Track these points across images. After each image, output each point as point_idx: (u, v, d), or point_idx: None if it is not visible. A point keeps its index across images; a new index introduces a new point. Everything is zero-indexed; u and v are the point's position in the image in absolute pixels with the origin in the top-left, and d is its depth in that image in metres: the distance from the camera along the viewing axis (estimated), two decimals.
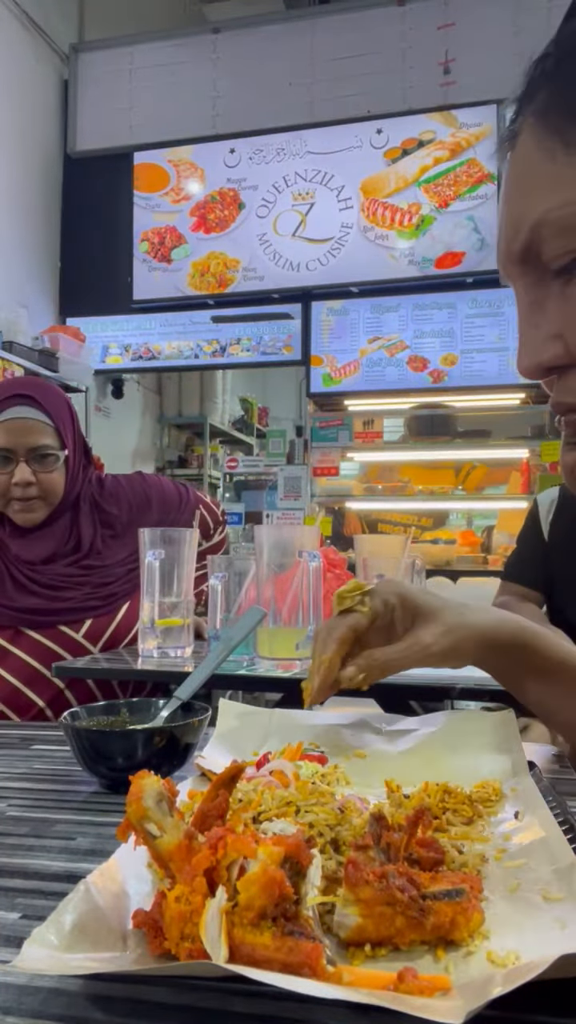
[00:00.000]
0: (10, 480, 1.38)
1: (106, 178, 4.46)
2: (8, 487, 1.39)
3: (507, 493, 4.27)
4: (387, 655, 0.72)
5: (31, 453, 1.39)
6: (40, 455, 1.39)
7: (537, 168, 0.48)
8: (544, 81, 0.48)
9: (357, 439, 4.27)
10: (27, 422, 1.39)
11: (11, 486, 1.39)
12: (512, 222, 0.50)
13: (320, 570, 1.28)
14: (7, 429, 1.38)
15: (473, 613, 0.74)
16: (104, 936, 0.39)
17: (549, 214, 0.47)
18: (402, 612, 0.74)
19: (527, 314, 0.52)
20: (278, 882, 0.37)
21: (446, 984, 0.36)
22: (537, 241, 0.49)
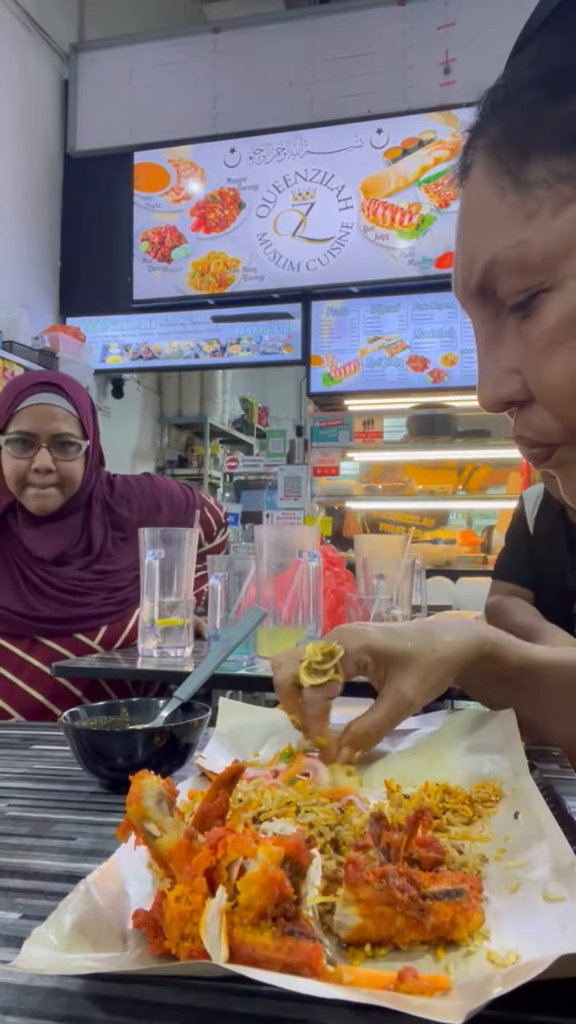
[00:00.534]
0: (30, 465, 1.37)
1: (106, 178, 4.46)
2: (27, 472, 1.37)
3: (507, 493, 4.27)
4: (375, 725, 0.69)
5: (54, 440, 1.37)
6: (62, 442, 1.38)
7: (488, 205, 0.48)
8: (494, 115, 0.49)
9: (357, 439, 4.27)
10: (52, 409, 1.38)
11: (30, 472, 1.37)
12: (466, 257, 0.50)
13: (320, 570, 1.28)
14: (32, 414, 1.37)
15: (441, 645, 0.72)
16: (104, 936, 0.39)
17: (501, 253, 0.47)
18: (375, 666, 0.72)
19: (485, 347, 0.52)
20: (278, 882, 0.37)
21: (446, 984, 0.36)
22: (491, 278, 0.49)
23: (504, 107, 0.48)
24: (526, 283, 0.47)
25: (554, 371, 0.48)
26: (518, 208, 0.47)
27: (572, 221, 0.45)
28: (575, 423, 0.50)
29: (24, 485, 1.39)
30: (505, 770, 0.64)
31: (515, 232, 0.47)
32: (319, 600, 1.28)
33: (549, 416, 0.50)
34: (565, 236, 0.45)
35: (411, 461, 4.62)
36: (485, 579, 2.45)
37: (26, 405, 1.38)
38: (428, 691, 0.71)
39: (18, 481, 1.39)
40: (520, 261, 0.47)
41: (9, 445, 1.38)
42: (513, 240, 0.47)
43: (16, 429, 1.37)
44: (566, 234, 0.45)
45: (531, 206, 0.46)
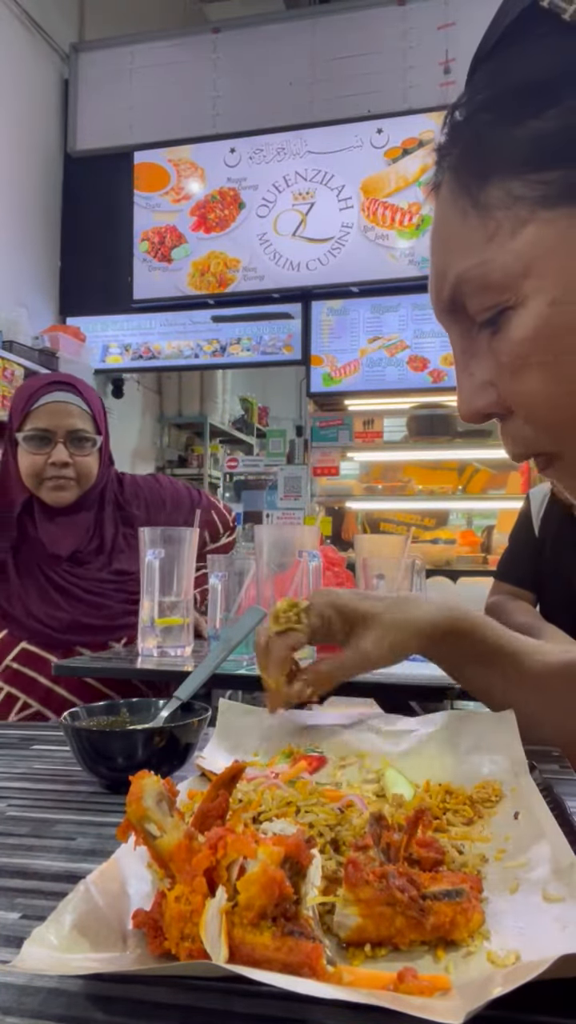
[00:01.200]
0: (46, 461, 1.41)
1: (106, 177, 4.46)
2: (43, 467, 1.41)
3: (507, 493, 4.27)
4: (330, 668, 0.75)
5: (69, 435, 1.42)
6: (77, 438, 1.43)
7: (452, 224, 0.50)
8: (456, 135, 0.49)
9: (357, 439, 4.27)
10: (67, 406, 1.43)
11: (47, 467, 1.41)
12: (437, 275, 0.51)
13: (320, 570, 1.28)
14: (48, 412, 1.42)
15: (412, 609, 0.76)
16: (104, 936, 0.39)
17: (465, 273, 0.49)
18: (340, 623, 0.76)
19: (462, 361, 0.53)
20: (278, 882, 0.37)
21: (446, 984, 0.36)
22: (460, 296, 0.50)
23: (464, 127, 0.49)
24: (491, 301, 0.48)
25: (523, 387, 0.49)
26: (479, 230, 0.48)
27: (529, 242, 0.46)
28: (556, 434, 0.51)
29: (41, 480, 1.43)
30: (505, 770, 0.64)
31: (477, 253, 0.48)
32: None
33: (528, 428, 0.51)
34: (523, 256, 0.46)
35: (411, 461, 4.62)
36: (485, 579, 2.45)
37: (42, 403, 1.42)
38: (388, 648, 0.75)
39: (35, 476, 1.42)
40: (483, 281, 0.48)
41: (26, 442, 1.42)
42: (475, 260, 0.48)
43: (33, 426, 1.41)
44: (524, 254, 0.46)
45: (491, 227, 0.47)
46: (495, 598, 1.90)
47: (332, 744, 0.73)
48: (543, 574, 1.84)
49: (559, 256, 0.46)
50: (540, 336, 0.47)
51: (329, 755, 0.71)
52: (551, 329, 0.47)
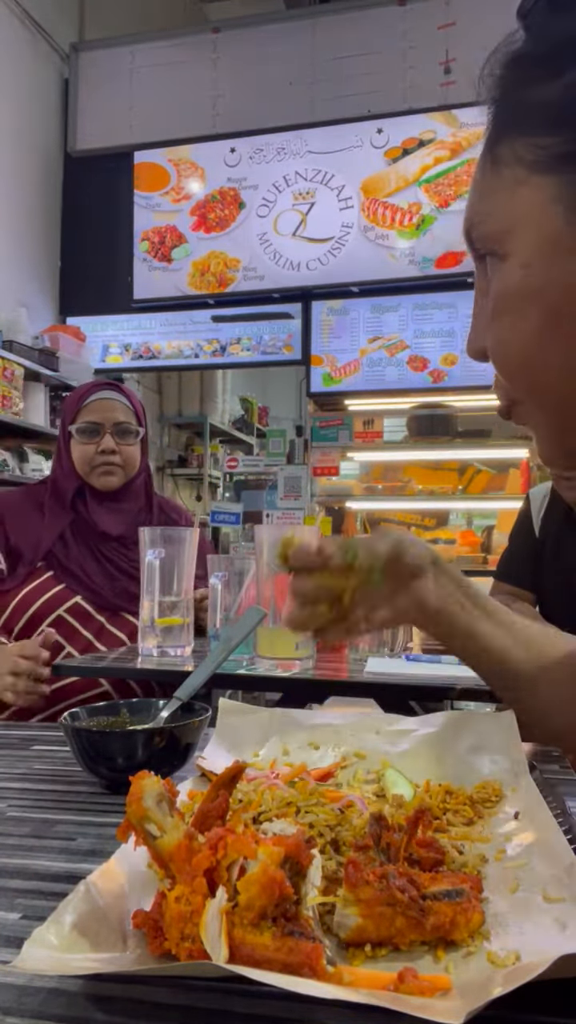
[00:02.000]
0: (96, 449, 1.60)
1: (106, 177, 4.46)
2: (94, 456, 1.60)
3: (506, 493, 4.27)
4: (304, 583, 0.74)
5: (116, 427, 1.62)
6: (123, 430, 1.63)
7: (478, 169, 0.53)
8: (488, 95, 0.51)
9: (357, 439, 4.27)
10: (113, 402, 1.64)
11: (96, 455, 1.60)
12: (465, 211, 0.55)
13: None
14: (97, 407, 1.63)
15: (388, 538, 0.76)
16: (104, 936, 0.39)
17: (475, 216, 0.53)
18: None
19: (477, 299, 0.56)
20: (278, 882, 0.37)
21: (446, 984, 0.36)
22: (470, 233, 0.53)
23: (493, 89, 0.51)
24: (485, 247, 0.52)
25: (494, 333, 0.53)
26: (491, 181, 0.51)
27: (519, 204, 0.49)
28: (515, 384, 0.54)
29: (92, 467, 1.61)
30: (505, 770, 0.64)
31: (485, 201, 0.51)
32: None
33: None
34: (511, 217, 0.49)
35: (411, 461, 4.62)
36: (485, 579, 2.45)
37: (91, 400, 1.64)
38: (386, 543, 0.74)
39: (87, 463, 1.61)
40: (482, 229, 0.52)
41: (79, 434, 1.62)
42: (481, 207, 0.52)
43: (84, 420, 1.62)
44: (512, 215, 0.49)
45: (496, 183, 0.50)
46: (495, 598, 1.90)
47: (332, 744, 0.73)
48: (543, 574, 1.84)
49: (537, 223, 0.48)
50: (509, 292, 0.51)
51: (329, 753, 0.71)
52: (518, 289, 0.50)
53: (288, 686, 1.29)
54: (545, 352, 0.50)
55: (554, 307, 0.48)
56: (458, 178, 3.95)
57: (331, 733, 0.74)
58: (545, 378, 0.51)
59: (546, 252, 0.48)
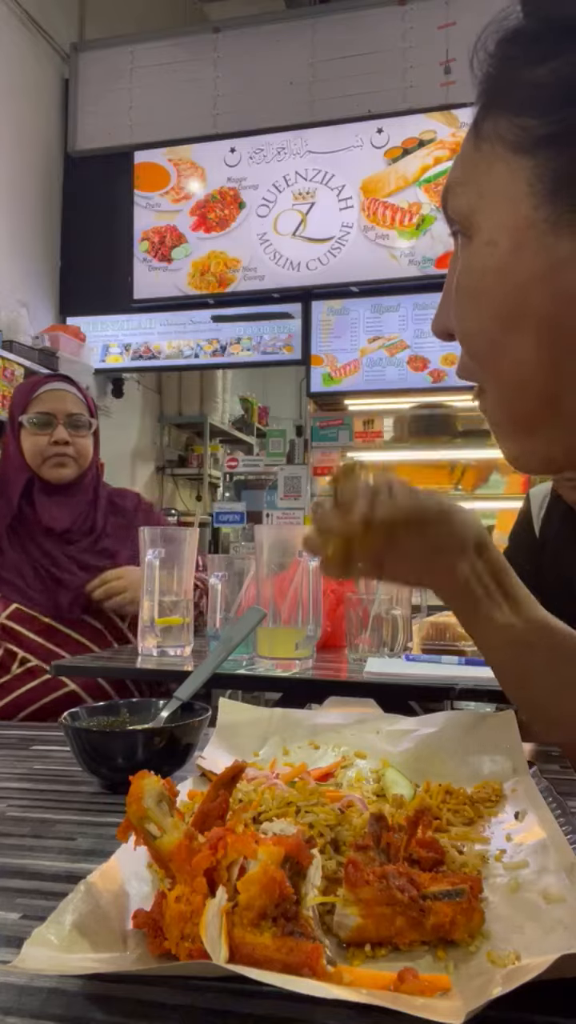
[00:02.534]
0: (49, 440, 1.58)
1: (106, 177, 4.45)
2: (46, 447, 1.58)
3: (506, 493, 4.27)
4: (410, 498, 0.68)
5: (68, 418, 1.61)
6: (75, 421, 1.62)
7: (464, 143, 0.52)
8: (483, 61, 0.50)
9: (357, 439, 4.27)
10: (65, 393, 1.64)
11: (48, 446, 1.58)
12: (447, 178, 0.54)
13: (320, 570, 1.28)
14: (49, 398, 1.61)
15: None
16: (104, 936, 0.39)
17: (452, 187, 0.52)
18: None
19: (448, 279, 0.55)
20: (278, 882, 0.37)
21: (446, 984, 0.36)
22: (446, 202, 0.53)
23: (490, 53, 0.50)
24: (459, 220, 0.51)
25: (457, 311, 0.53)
26: (470, 154, 0.51)
27: (496, 179, 0.48)
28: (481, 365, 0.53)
29: (44, 459, 1.59)
30: (505, 770, 0.64)
31: (463, 171, 0.51)
32: (319, 600, 1.28)
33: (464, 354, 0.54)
34: (483, 193, 0.49)
35: (410, 461, 4.62)
36: None
37: (43, 391, 1.62)
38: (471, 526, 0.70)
39: (39, 455, 1.59)
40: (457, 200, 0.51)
41: (31, 425, 1.59)
42: (459, 176, 0.51)
43: (36, 410, 1.60)
44: (485, 191, 0.49)
45: (476, 156, 0.50)
46: None
47: (332, 744, 0.73)
48: (543, 574, 1.84)
49: (507, 203, 0.47)
50: (473, 269, 0.50)
51: (329, 753, 0.71)
52: (481, 266, 0.49)
53: (288, 686, 1.29)
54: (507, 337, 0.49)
55: (516, 292, 0.48)
56: None
57: (331, 733, 0.74)
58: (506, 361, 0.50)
59: (512, 234, 0.47)
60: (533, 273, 0.47)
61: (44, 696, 1.44)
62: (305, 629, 1.24)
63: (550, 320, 0.47)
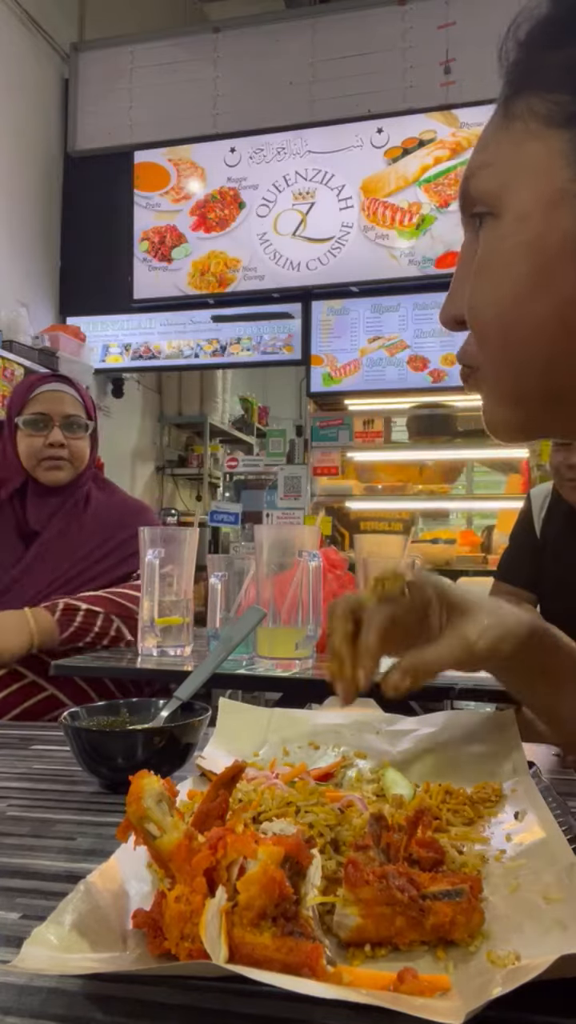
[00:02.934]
0: (44, 442, 1.55)
1: (106, 177, 4.45)
2: (41, 449, 1.55)
3: (506, 493, 4.27)
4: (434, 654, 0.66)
5: (64, 420, 1.57)
6: (71, 423, 1.58)
7: (487, 127, 0.53)
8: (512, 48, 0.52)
9: (357, 439, 4.27)
10: (62, 395, 1.60)
11: (44, 448, 1.55)
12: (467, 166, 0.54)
13: (320, 570, 1.28)
14: (45, 399, 1.58)
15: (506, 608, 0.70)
16: (104, 936, 0.39)
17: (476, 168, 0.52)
18: (438, 604, 0.69)
19: (459, 267, 0.55)
20: (278, 882, 0.37)
21: (446, 984, 0.36)
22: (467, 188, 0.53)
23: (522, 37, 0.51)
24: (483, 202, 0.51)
25: (475, 292, 0.52)
26: (497, 135, 0.51)
27: (528, 154, 0.48)
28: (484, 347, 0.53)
29: (38, 460, 1.55)
30: (505, 770, 0.64)
31: (488, 152, 0.51)
32: (319, 600, 1.28)
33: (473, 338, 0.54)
34: (516, 167, 0.49)
35: (408, 461, 4.62)
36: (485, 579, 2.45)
37: (40, 391, 1.59)
38: (490, 644, 0.66)
39: (33, 456, 1.55)
40: (481, 183, 0.51)
41: (26, 425, 1.56)
42: (484, 158, 0.51)
43: (32, 411, 1.56)
44: (517, 165, 0.49)
45: (504, 136, 0.50)
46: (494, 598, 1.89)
47: (332, 744, 0.72)
48: (544, 574, 1.84)
49: (540, 175, 0.48)
50: (500, 248, 0.50)
51: (329, 753, 0.71)
52: (512, 242, 0.49)
53: (288, 686, 1.29)
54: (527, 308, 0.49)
55: (545, 261, 0.48)
56: (458, 178, 3.94)
57: (331, 733, 0.74)
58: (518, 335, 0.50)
59: (545, 205, 0.48)
60: (564, 242, 0.47)
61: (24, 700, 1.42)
62: (305, 629, 1.24)
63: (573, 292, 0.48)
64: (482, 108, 3.85)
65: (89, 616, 1.43)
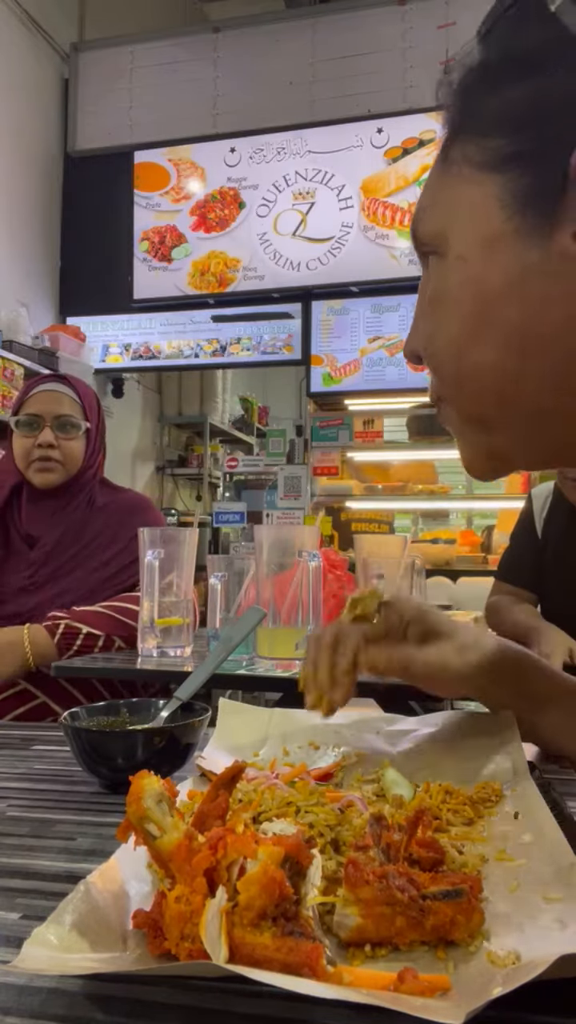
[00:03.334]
0: (34, 443, 1.52)
1: (106, 177, 4.46)
2: (31, 450, 1.52)
3: (506, 493, 4.27)
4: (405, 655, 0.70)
5: (56, 420, 1.53)
6: (64, 423, 1.54)
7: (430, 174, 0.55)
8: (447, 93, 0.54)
9: (357, 439, 4.27)
10: (56, 394, 1.56)
11: (35, 448, 1.52)
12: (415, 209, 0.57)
13: (320, 570, 1.28)
14: (39, 399, 1.55)
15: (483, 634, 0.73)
16: (104, 936, 0.39)
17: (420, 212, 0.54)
18: (416, 626, 0.72)
19: (418, 303, 0.57)
20: (278, 882, 0.37)
21: (446, 984, 0.36)
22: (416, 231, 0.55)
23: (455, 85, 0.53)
24: (427, 244, 0.54)
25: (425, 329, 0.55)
26: (438, 180, 0.53)
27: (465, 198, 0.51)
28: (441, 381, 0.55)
29: (29, 462, 1.53)
30: (505, 770, 0.64)
31: (431, 196, 0.54)
32: (319, 600, 1.28)
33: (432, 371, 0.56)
34: (455, 210, 0.51)
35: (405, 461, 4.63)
36: (485, 579, 2.45)
37: (36, 391, 1.56)
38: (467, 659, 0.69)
39: (25, 457, 1.53)
40: (425, 225, 0.53)
41: (18, 427, 1.54)
42: (426, 202, 0.54)
43: (26, 412, 1.55)
44: (456, 208, 0.51)
45: (444, 180, 0.53)
46: (495, 598, 1.90)
47: (331, 744, 0.72)
48: (546, 574, 1.84)
49: (477, 218, 0.50)
50: (445, 285, 0.53)
51: (329, 753, 0.71)
52: (454, 279, 0.52)
53: (288, 686, 1.29)
54: (474, 344, 0.51)
55: (487, 300, 0.50)
56: None
57: (331, 733, 0.74)
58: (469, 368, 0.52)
59: (483, 246, 0.50)
60: (503, 281, 0.49)
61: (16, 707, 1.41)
62: (305, 629, 1.24)
63: (517, 326, 0.50)
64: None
65: (89, 639, 1.41)
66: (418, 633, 0.72)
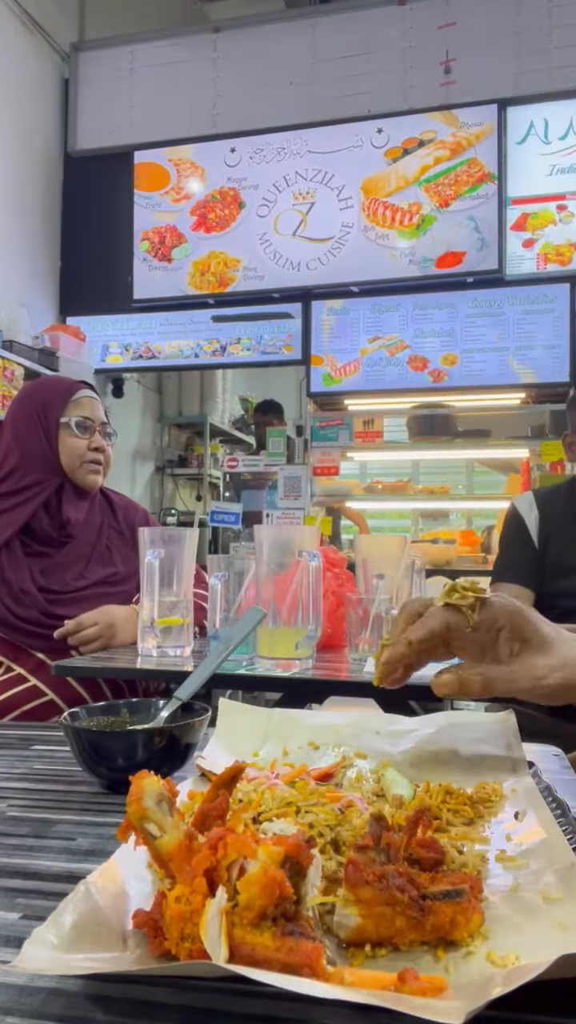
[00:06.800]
0: (88, 445, 1.61)
1: (106, 177, 4.45)
2: (86, 451, 1.61)
3: (506, 493, 4.27)
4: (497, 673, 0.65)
5: (102, 427, 1.65)
6: (106, 431, 1.66)
7: None
8: None
9: (357, 439, 4.27)
10: (97, 403, 1.68)
11: (88, 451, 1.61)
12: None
13: (320, 570, 1.28)
14: (88, 404, 1.64)
15: None
16: (104, 936, 0.39)
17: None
18: (510, 634, 0.66)
19: None
20: (278, 882, 0.37)
21: (446, 984, 0.36)
22: None
23: None
24: None
25: None
26: None
27: None
28: None
29: (82, 462, 1.61)
30: (505, 770, 0.64)
31: None
32: (319, 600, 1.28)
33: None
34: None
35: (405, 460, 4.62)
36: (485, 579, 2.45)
37: (81, 396, 1.65)
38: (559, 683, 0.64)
39: (78, 458, 1.60)
40: None
41: (76, 427, 1.61)
42: None
43: (79, 414, 1.62)
44: None
45: None
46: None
47: (332, 744, 0.72)
48: (549, 573, 1.85)
49: None
50: None
51: (329, 753, 0.71)
52: None
53: (288, 686, 1.29)
54: None
55: None
56: (458, 178, 3.94)
57: (331, 733, 0.74)
58: None
59: None
60: None
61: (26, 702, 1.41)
62: (305, 629, 1.24)
63: None
64: (482, 108, 3.85)
65: None
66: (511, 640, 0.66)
